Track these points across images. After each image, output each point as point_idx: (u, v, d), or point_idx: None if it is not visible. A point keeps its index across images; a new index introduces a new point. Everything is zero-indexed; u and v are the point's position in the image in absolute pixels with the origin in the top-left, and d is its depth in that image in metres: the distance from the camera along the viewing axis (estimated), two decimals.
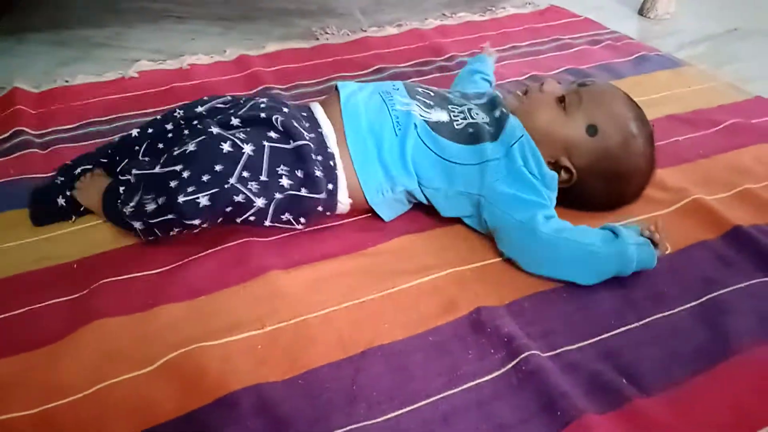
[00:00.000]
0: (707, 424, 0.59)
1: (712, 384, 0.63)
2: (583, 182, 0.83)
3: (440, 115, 0.84)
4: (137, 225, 0.77)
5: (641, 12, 1.66)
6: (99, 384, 0.63)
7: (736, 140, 1.04)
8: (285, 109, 0.83)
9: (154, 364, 0.65)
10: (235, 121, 0.81)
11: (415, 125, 0.82)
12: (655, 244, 0.75)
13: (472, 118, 0.85)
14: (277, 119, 0.79)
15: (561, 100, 0.84)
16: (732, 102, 1.17)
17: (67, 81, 1.25)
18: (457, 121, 0.84)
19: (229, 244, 0.81)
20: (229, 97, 0.89)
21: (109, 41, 1.46)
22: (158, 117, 0.89)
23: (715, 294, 0.74)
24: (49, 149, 1.03)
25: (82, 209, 0.87)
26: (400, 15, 1.63)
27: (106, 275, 0.77)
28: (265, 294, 0.74)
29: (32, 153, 1.01)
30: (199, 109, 0.86)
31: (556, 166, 0.82)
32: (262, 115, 0.80)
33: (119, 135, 0.92)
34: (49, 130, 1.09)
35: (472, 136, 0.82)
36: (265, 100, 0.85)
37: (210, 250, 0.80)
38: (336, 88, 0.89)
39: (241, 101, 0.87)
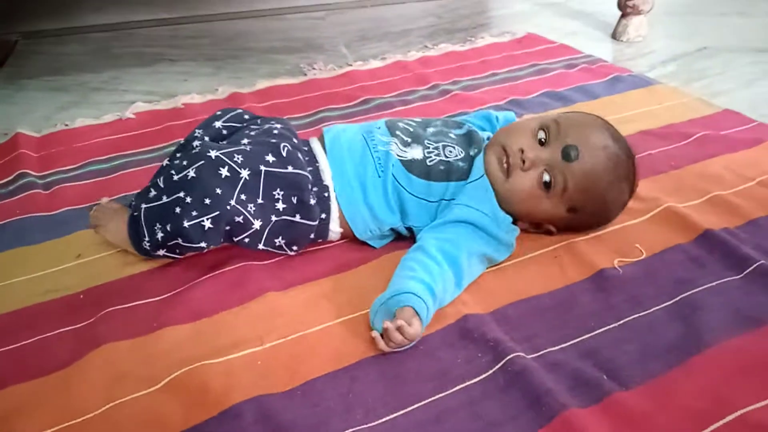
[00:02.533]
0: (684, 412, 0.63)
1: (687, 375, 0.67)
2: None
3: (415, 153, 0.87)
4: (161, 253, 0.82)
5: (614, 36, 1.73)
6: (110, 403, 0.66)
7: (706, 151, 1.09)
8: (294, 140, 0.88)
9: (160, 382, 0.69)
10: (245, 141, 0.86)
11: (393, 165, 0.86)
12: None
13: (446, 156, 0.87)
14: (284, 147, 0.84)
15: (546, 185, 0.82)
16: (702, 115, 1.23)
17: (66, 124, 1.30)
18: (430, 157, 0.87)
19: (228, 269, 0.85)
20: (246, 116, 0.94)
21: (105, 85, 1.53)
22: (182, 141, 0.93)
23: (689, 293, 0.78)
24: (51, 189, 1.08)
25: None
26: (384, 48, 1.70)
27: (111, 304, 0.80)
28: (263, 314, 0.78)
29: (36, 193, 1.06)
30: (217, 124, 0.91)
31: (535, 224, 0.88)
32: (272, 141, 0.85)
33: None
34: (52, 171, 1.14)
35: (442, 173, 0.86)
36: (279, 126, 0.90)
37: (209, 275, 0.84)
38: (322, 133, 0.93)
39: (258, 122, 0.92)
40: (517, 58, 1.57)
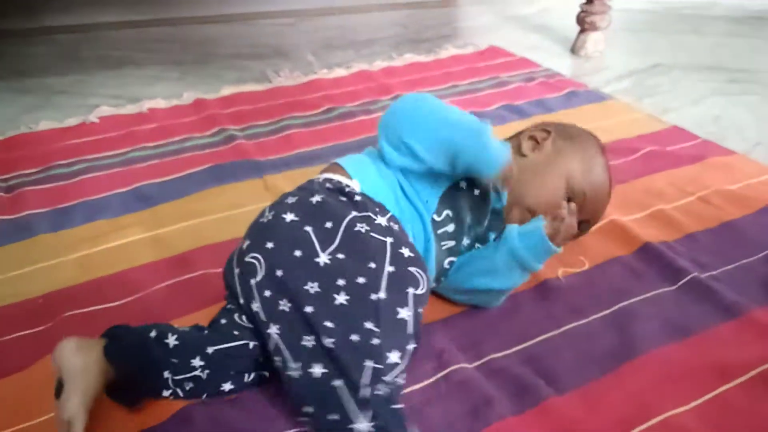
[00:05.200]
0: (612, 416, 0.67)
1: (618, 381, 0.71)
2: None
3: None
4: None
5: (573, 50, 1.79)
6: None
7: (651, 166, 1.15)
8: None
9: None
10: None
11: None
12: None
13: None
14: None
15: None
16: (650, 131, 1.28)
17: (30, 127, 1.31)
18: None
19: (188, 276, 0.87)
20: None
21: (70, 88, 1.53)
22: None
23: (625, 303, 0.82)
24: (13, 192, 1.09)
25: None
26: (350, 57, 1.73)
27: (70, 308, 0.82)
28: None
29: None
30: None
31: None
32: None
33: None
34: (14, 174, 1.15)
35: None
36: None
37: (170, 281, 0.86)
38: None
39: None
40: (478, 71, 1.61)
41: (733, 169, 1.14)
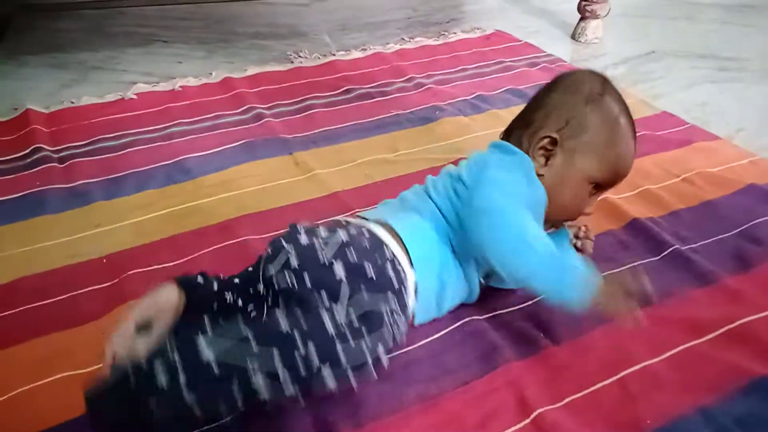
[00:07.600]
0: (596, 363, 0.79)
1: (605, 335, 0.84)
2: None
3: None
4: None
5: (573, 36, 1.90)
6: None
7: (641, 149, 1.24)
8: None
9: None
10: None
11: None
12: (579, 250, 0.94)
13: None
14: None
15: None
16: (642, 116, 1.40)
17: (72, 102, 1.42)
18: None
19: (232, 242, 1.00)
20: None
21: (103, 64, 1.64)
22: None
23: (614, 271, 0.95)
24: (66, 163, 1.21)
25: None
26: (365, 39, 1.83)
27: (133, 267, 0.94)
28: None
29: (52, 167, 1.19)
30: None
31: None
32: None
33: None
34: (64, 146, 1.26)
35: None
36: None
37: (216, 246, 0.99)
38: None
39: None
40: (485, 55, 1.72)
41: (715, 153, 1.26)
